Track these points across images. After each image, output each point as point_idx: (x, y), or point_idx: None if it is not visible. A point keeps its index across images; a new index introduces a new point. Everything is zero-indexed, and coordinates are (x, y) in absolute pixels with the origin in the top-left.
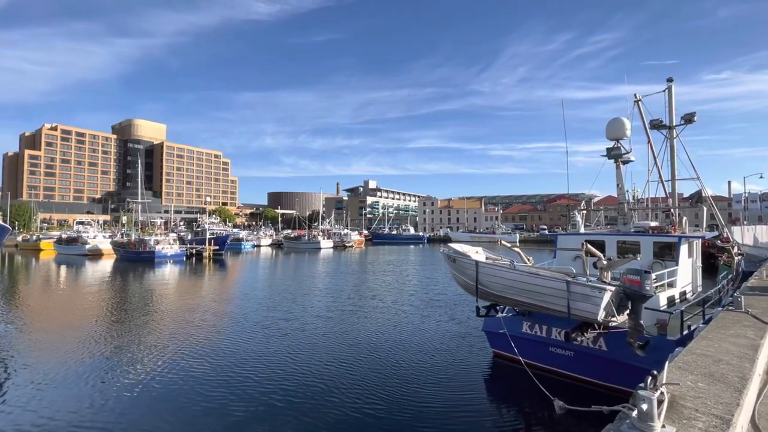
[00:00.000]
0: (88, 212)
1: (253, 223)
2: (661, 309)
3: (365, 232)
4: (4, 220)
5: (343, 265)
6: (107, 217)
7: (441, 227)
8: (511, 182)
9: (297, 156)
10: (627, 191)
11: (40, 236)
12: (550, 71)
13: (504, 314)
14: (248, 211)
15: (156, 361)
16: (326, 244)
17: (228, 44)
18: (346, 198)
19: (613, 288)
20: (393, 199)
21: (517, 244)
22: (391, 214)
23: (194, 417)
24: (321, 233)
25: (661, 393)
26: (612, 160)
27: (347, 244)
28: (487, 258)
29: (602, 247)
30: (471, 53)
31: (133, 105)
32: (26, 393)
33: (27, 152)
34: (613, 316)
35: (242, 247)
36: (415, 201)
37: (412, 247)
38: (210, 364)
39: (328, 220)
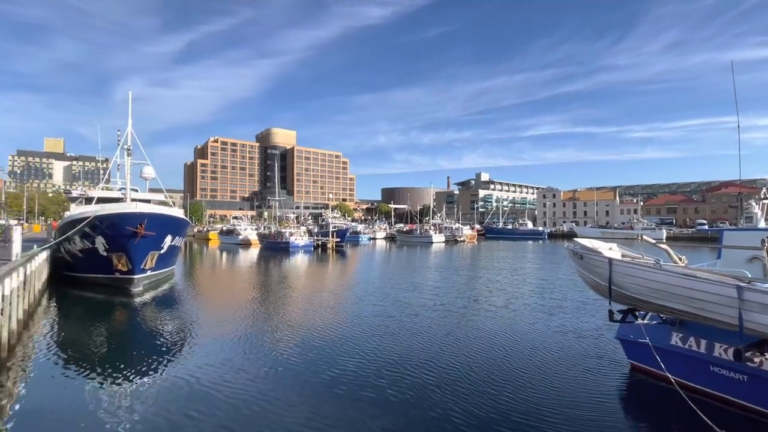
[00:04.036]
0: (240, 209)
1: (369, 217)
2: None
3: (478, 226)
4: (185, 216)
5: (455, 260)
6: (253, 213)
7: (564, 221)
8: (655, 169)
9: (408, 152)
10: None
11: (209, 228)
12: (712, 30)
13: (645, 321)
14: (364, 206)
15: (280, 339)
16: (438, 239)
17: (346, 52)
18: (456, 192)
19: None
20: (508, 191)
21: (664, 240)
22: (505, 208)
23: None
24: (432, 227)
25: None
26: None
27: (459, 239)
28: (623, 255)
29: None
30: (601, 24)
31: (271, 116)
32: (186, 353)
33: (199, 161)
34: None
35: (360, 239)
36: (533, 193)
37: (529, 242)
38: (325, 346)
39: (439, 215)
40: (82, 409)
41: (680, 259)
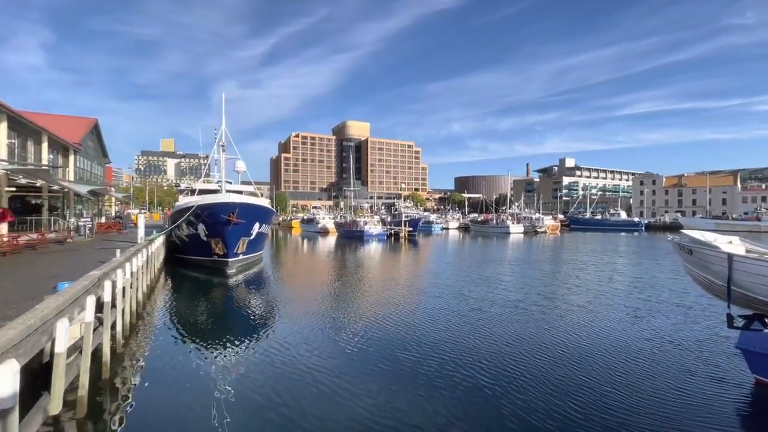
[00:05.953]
0: (319, 199)
1: (442, 207)
2: None
3: (561, 216)
4: (271, 206)
5: (533, 252)
6: (330, 203)
7: (666, 211)
8: None
9: (484, 139)
10: None
11: (292, 217)
12: None
13: None
14: (437, 196)
15: (343, 328)
16: (515, 229)
17: (417, 40)
18: (536, 179)
19: None
20: (596, 178)
21: None
22: (594, 196)
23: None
24: (510, 217)
25: None
26: None
27: (539, 230)
28: (747, 251)
29: None
30: None
31: (345, 109)
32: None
33: (282, 155)
34: None
35: (432, 229)
36: (627, 179)
37: (622, 234)
38: (384, 337)
39: (517, 204)
40: (189, 369)
41: None
